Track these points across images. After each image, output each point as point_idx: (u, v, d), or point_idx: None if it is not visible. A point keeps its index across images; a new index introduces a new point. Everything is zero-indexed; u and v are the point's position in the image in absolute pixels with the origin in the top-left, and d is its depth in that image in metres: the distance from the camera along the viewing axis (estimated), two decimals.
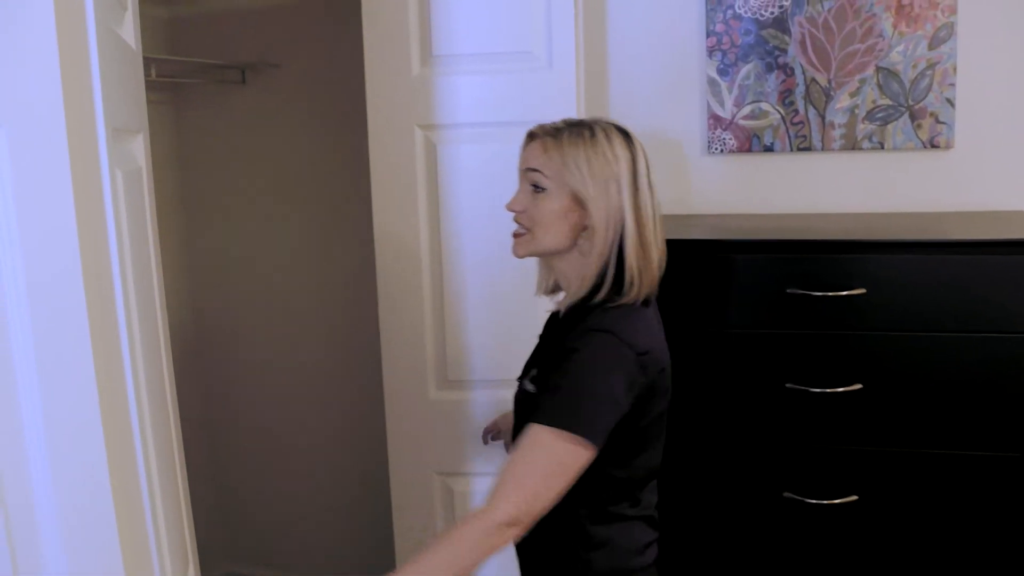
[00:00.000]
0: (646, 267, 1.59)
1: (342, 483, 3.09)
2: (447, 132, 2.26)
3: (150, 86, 2.79)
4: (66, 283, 1.04)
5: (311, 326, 3.02)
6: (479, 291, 2.31)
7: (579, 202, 1.58)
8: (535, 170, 1.60)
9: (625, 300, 1.58)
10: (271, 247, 3.01)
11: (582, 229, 1.60)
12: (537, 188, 1.60)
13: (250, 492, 3.17)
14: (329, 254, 2.96)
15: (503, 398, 2.31)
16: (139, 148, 1.42)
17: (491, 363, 2.33)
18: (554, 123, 1.63)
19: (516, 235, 1.64)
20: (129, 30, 1.39)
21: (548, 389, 1.52)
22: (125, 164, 1.26)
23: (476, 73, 2.24)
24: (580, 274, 1.61)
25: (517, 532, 1.43)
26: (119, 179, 1.17)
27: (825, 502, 2.14)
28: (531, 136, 1.64)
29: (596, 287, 1.59)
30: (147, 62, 2.55)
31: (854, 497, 2.14)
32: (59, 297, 1.04)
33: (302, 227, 2.97)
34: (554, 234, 1.60)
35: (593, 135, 1.58)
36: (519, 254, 1.65)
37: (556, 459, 1.45)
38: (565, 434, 1.44)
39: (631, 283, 1.57)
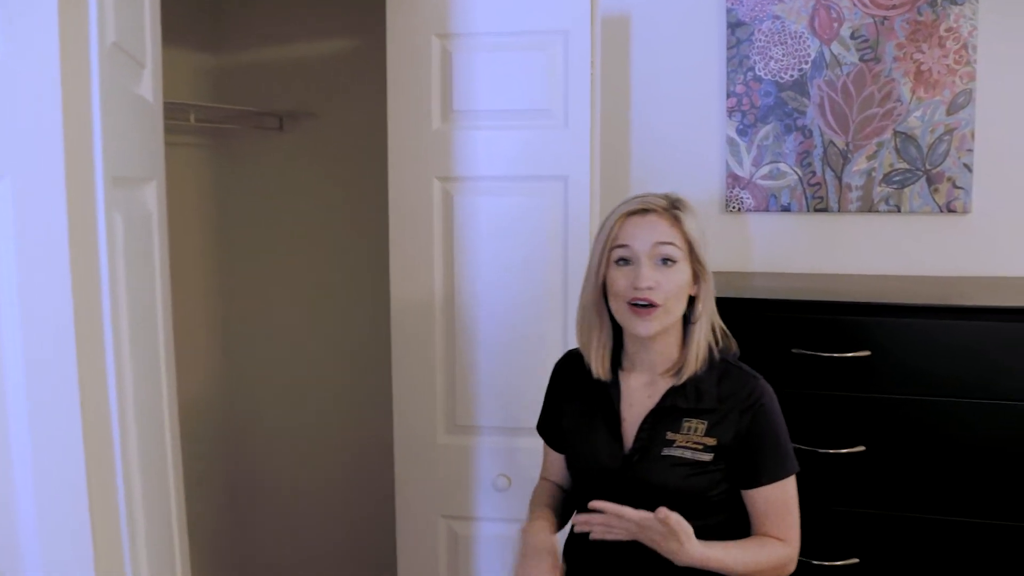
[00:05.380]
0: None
1: (348, 526, 3.13)
2: (464, 184, 2.33)
3: (191, 130, 2.93)
4: (57, 321, 1.12)
5: (326, 370, 3.09)
6: (490, 339, 2.36)
7: (695, 273, 1.65)
8: (668, 243, 1.61)
9: (733, 351, 1.72)
10: (291, 290, 3.09)
11: (690, 299, 1.66)
12: (668, 261, 1.61)
13: (255, 535, 3.21)
14: (346, 297, 3.04)
15: (510, 444, 2.35)
16: (151, 195, 1.51)
17: (500, 410, 2.37)
18: (658, 196, 1.66)
19: (644, 311, 1.59)
20: (147, 86, 1.48)
21: (763, 447, 1.64)
22: (130, 210, 1.34)
23: (494, 128, 2.30)
24: (695, 342, 1.65)
25: None
26: (118, 223, 1.25)
27: (827, 563, 2.13)
28: (644, 211, 1.63)
29: (709, 349, 1.67)
30: (186, 108, 2.71)
31: (855, 560, 2.13)
32: (51, 341, 1.12)
33: (323, 271, 3.06)
34: (682, 306, 1.64)
35: (693, 209, 1.67)
36: (653, 330, 1.61)
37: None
38: (794, 476, 1.66)
39: (730, 336, 1.72)
